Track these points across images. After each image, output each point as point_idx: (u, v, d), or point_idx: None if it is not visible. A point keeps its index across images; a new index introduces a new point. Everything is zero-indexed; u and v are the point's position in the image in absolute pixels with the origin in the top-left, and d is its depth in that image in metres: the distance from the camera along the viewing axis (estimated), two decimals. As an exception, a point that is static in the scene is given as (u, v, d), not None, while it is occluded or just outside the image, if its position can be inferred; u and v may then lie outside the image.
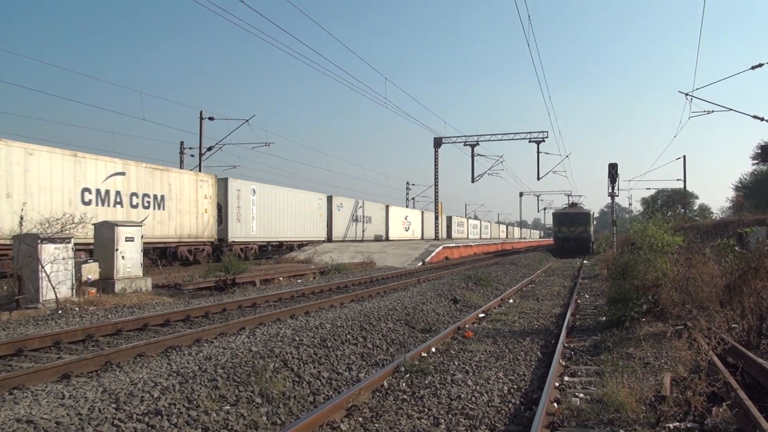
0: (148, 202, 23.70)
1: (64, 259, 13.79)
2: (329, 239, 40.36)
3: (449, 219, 68.29)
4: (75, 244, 14.55)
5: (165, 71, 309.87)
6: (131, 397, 6.01)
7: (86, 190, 20.69)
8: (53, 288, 13.13)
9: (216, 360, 7.59)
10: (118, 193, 22.12)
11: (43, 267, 13.14)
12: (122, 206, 22.26)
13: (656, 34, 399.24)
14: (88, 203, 20.65)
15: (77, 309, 13.13)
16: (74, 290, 14.17)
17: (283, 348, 8.35)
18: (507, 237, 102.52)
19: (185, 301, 15.22)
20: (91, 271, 15.57)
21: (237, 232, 29.77)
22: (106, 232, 16.22)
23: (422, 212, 62.78)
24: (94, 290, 14.88)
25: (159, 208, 24.33)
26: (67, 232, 14.18)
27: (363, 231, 46.14)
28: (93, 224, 16.60)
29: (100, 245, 16.31)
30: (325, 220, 40.07)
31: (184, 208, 26.01)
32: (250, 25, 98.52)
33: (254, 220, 31.27)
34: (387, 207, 51.72)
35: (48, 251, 13.44)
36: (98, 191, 21.22)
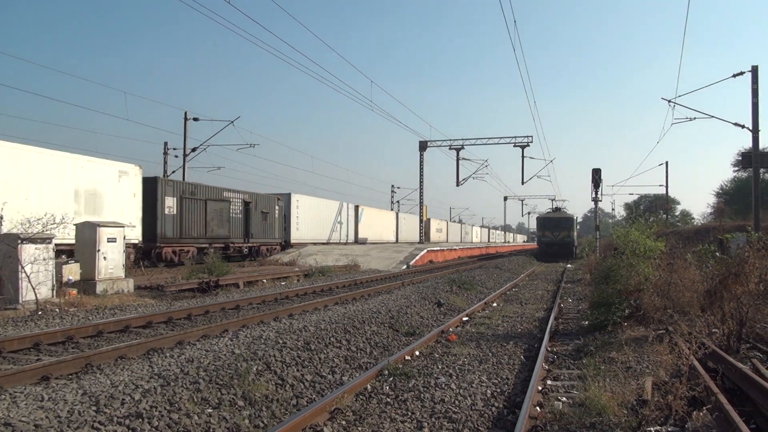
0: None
1: (44, 259, 13.62)
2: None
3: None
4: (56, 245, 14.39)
5: (149, 71, 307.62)
6: (112, 399, 5.94)
7: None
8: (33, 289, 12.96)
9: (198, 362, 7.54)
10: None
11: (23, 267, 12.98)
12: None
13: (640, 41, 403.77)
14: None
15: (57, 310, 12.96)
16: (55, 291, 14.00)
17: (266, 350, 8.32)
18: (491, 241, 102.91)
19: (167, 303, 15.10)
20: (72, 271, 15.40)
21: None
22: (87, 232, 16.05)
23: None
24: (74, 291, 14.72)
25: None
26: (48, 232, 14.01)
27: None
28: (75, 224, 16.41)
29: (82, 246, 16.14)
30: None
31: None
32: (235, 25, 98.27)
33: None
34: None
35: (28, 251, 13.27)
36: None
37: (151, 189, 24.56)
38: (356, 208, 48.69)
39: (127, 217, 21.80)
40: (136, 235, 22.85)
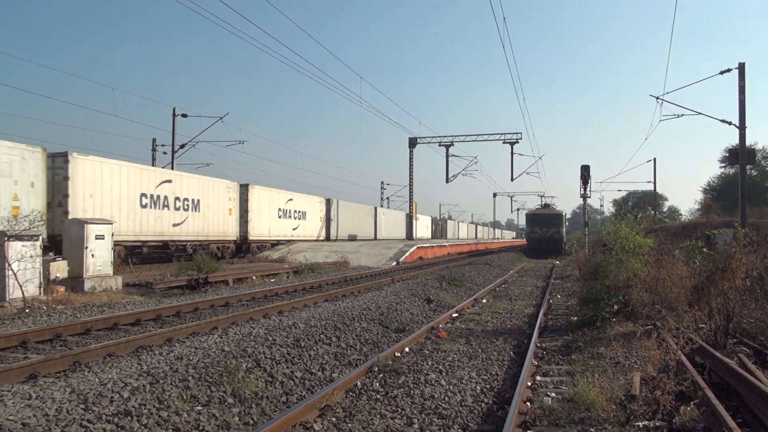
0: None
1: (31, 256, 13.51)
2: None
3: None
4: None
5: (137, 67, 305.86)
6: (100, 397, 5.91)
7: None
8: (20, 286, 12.85)
9: (187, 360, 7.50)
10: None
11: (9, 265, 12.85)
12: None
13: (629, 39, 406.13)
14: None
15: (45, 308, 12.87)
16: (42, 289, 13.90)
17: (256, 348, 8.29)
18: (480, 237, 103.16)
19: (156, 300, 15.02)
20: (60, 269, 15.29)
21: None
22: (75, 229, 15.94)
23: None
24: (62, 289, 14.62)
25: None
26: (35, 229, 13.89)
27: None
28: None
29: (69, 243, 16.02)
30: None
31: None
32: (225, 22, 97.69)
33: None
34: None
35: (15, 249, 13.15)
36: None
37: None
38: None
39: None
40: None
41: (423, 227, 68.98)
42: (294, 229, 38.35)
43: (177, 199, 26.27)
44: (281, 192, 36.91)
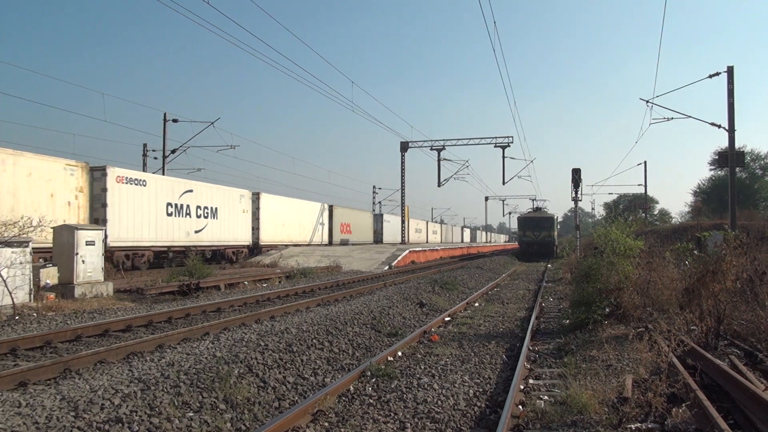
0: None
1: (21, 263, 13.40)
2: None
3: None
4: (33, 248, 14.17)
5: (127, 72, 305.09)
6: (91, 404, 5.87)
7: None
8: (10, 293, 12.74)
9: (179, 366, 7.47)
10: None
11: (-1, 271, 12.75)
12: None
13: (619, 42, 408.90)
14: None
15: (35, 315, 12.78)
16: (32, 295, 13.79)
17: (248, 353, 8.26)
18: (472, 241, 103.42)
19: (147, 306, 14.94)
20: (50, 275, 15.19)
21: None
22: (65, 235, 15.84)
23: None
24: (52, 295, 14.52)
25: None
26: (25, 235, 13.79)
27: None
28: (52, 228, 16.18)
29: (59, 249, 15.92)
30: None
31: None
32: (215, 27, 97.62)
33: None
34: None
35: (5, 255, 13.05)
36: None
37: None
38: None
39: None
40: None
41: (466, 235, 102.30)
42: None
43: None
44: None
